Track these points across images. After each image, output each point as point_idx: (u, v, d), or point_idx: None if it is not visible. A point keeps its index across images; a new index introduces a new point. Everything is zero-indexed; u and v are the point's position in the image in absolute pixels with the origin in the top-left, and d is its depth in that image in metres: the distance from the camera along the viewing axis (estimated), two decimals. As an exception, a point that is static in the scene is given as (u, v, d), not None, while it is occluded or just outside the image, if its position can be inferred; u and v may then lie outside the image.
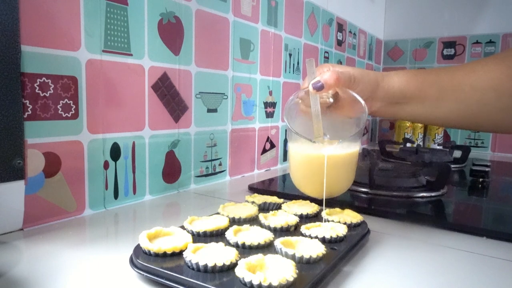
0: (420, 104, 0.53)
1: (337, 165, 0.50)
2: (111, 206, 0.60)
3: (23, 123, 0.48)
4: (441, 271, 0.42)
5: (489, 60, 0.52)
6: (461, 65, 0.54)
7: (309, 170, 0.52)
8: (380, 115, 0.57)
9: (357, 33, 1.48)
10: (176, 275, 0.34)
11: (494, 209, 0.68)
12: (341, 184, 0.53)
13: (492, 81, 0.49)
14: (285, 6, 0.99)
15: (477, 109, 0.51)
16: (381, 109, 0.54)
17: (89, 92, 0.55)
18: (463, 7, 1.55)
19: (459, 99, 0.51)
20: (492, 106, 0.50)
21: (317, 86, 0.47)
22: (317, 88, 0.47)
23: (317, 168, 0.48)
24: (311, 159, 0.51)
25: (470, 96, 0.50)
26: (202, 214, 0.50)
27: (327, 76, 0.47)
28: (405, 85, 0.53)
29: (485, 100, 0.50)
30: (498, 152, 1.48)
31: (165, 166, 0.69)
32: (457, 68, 0.54)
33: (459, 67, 0.54)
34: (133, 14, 0.61)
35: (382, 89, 0.53)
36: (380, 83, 0.52)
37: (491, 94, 0.49)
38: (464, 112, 0.52)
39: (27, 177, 0.49)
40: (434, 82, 0.52)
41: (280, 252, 0.39)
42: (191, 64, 0.73)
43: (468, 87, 0.50)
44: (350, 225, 0.49)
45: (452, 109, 0.52)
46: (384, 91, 0.53)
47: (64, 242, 0.46)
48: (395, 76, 0.53)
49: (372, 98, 0.53)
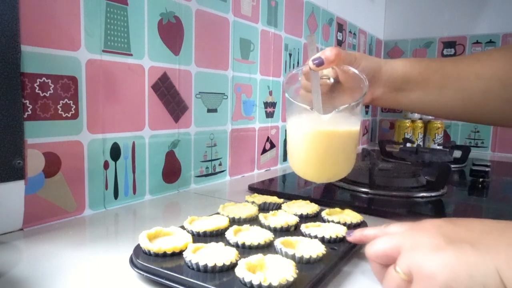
0: (423, 91, 0.52)
1: (337, 142, 0.47)
2: (111, 206, 0.60)
3: (23, 123, 0.48)
4: (441, 271, 0.42)
5: (494, 51, 0.52)
6: (465, 56, 0.55)
7: (308, 147, 0.48)
8: (382, 103, 0.55)
9: (357, 33, 1.48)
10: (176, 275, 0.34)
11: (494, 209, 0.68)
12: (341, 165, 0.49)
13: (497, 71, 0.49)
14: (285, 6, 0.99)
15: (481, 99, 0.50)
16: (384, 95, 0.53)
17: (89, 92, 0.55)
18: (463, 7, 1.55)
19: (463, 88, 0.50)
20: (496, 96, 0.49)
21: (318, 61, 0.46)
22: (317, 64, 0.46)
23: (317, 144, 0.46)
24: (310, 133, 0.47)
25: (474, 85, 0.49)
26: (202, 214, 0.50)
27: (327, 52, 0.46)
28: (409, 70, 0.52)
29: (489, 89, 0.49)
30: (498, 152, 1.48)
31: (165, 166, 0.69)
32: (461, 57, 0.53)
33: (463, 57, 0.53)
34: (133, 14, 0.61)
35: (385, 72, 0.52)
36: (382, 66, 0.52)
37: (495, 83, 0.49)
38: (468, 102, 0.51)
39: (27, 177, 0.49)
40: (438, 69, 0.52)
41: (280, 252, 0.39)
42: (191, 64, 0.73)
43: (473, 75, 0.50)
44: (350, 225, 0.49)
45: (456, 98, 0.51)
46: (387, 75, 0.52)
47: (64, 242, 0.46)
48: (399, 61, 0.53)
49: (374, 82, 0.51)
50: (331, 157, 0.47)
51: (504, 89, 0.48)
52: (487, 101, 0.50)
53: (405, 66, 0.52)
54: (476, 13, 1.52)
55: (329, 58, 0.46)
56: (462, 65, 0.51)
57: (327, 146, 0.46)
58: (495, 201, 0.75)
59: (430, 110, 0.56)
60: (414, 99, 0.53)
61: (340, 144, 0.48)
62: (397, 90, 0.53)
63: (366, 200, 0.70)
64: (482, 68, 0.50)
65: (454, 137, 1.58)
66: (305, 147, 0.48)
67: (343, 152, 0.48)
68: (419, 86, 0.52)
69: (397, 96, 0.53)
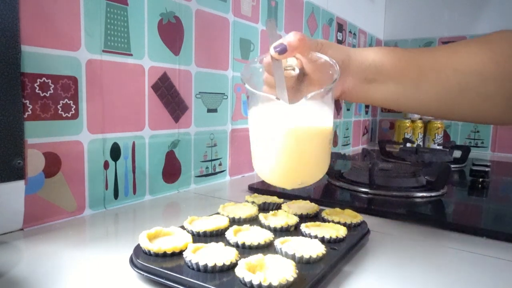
0: (397, 83, 0.47)
1: (308, 138, 0.41)
2: (111, 206, 0.60)
3: (23, 123, 0.48)
4: (441, 271, 0.42)
5: (472, 43, 0.48)
6: (442, 46, 0.50)
7: (274, 146, 0.41)
8: (353, 97, 0.50)
9: (357, 33, 1.48)
10: (176, 275, 0.34)
11: (494, 209, 0.68)
12: (315, 165, 0.43)
13: (475, 65, 0.45)
14: (285, 6, 0.99)
15: (458, 95, 0.47)
16: (354, 88, 0.48)
17: (89, 92, 0.55)
18: (463, 7, 1.55)
19: (439, 82, 0.47)
20: (474, 92, 0.46)
21: (280, 48, 0.41)
22: (279, 51, 0.41)
23: (284, 141, 0.39)
24: (276, 129, 0.40)
25: (452, 79, 0.46)
26: (202, 214, 0.50)
27: (290, 37, 0.41)
28: (381, 59, 0.47)
29: (467, 84, 0.46)
30: (498, 152, 1.48)
31: (165, 166, 0.69)
32: (437, 48, 0.50)
33: (440, 48, 0.50)
34: (133, 14, 0.61)
35: (355, 61, 0.47)
36: (352, 55, 0.47)
37: (474, 78, 0.45)
38: (444, 97, 0.47)
39: (27, 177, 0.49)
40: (413, 59, 0.48)
41: (280, 252, 0.39)
42: (191, 64, 0.73)
43: (450, 69, 0.46)
44: (350, 225, 0.49)
45: (432, 93, 0.47)
46: (357, 64, 0.47)
47: (64, 242, 0.46)
48: (370, 50, 0.48)
49: (343, 72, 0.46)
50: (303, 157, 0.41)
51: (483, 84, 0.45)
52: (464, 97, 0.46)
53: (376, 55, 0.47)
54: (476, 13, 1.52)
55: (292, 44, 0.41)
56: (439, 56, 0.48)
57: (297, 143, 0.40)
58: (495, 201, 0.75)
59: (404, 105, 0.51)
60: (386, 92, 0.48)
61: (312, 140, 0.41)
62: (369, 82, 0.48)
63: (366, 200, 0.70)
64: (459, 61, 0.46)
65: (454, 137, 1.58)
66: (271, 146, 0.41)
67: (316, 150, 0.42)
68: (392, 77, 0.47)
69: (369, 89, 0.48)
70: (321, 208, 0.56)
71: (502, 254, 0.46)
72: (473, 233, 0.53)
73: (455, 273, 0.41)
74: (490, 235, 0.52)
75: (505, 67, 0.44)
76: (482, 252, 0.47)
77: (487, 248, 0.48)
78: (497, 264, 0.44)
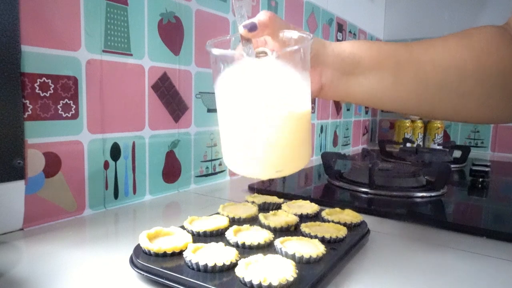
0: (376, 75, 0.46)
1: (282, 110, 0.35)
2: (111, 206, 0.60)
3: (23, 123, 0.48)
4: (441, 271, 0.42)
5: (449, 38, 0.47)
6: (420, 41, 0.48)
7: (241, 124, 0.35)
8: (334, 94, 0.48)
9: (357, 33, 1.48)
10: (176, 275, 0.34)
11: (494, 209, 0.68)
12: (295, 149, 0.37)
13: (454, 61, 0.44)
14: (285, 6, 0.99)
15: (437, 91, 0.46)
16: (334, 81, 0.47)
17: (89, 92, 0.55)
18: (463, 7, 1.55)
19: (418, 76, 0.46)
20: (453, 89, 0.45)
21: (250, 26, 0.40)
22: (249, 28, 0.40)
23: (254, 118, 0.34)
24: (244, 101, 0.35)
25: (430, 75, 0.45)
26: (202, 214, 0.50)
27: (261, 15, 0.40)
28: (358, 51, 0.46)
29: (446, 80, 0.45)
30: (498, 152, 1.48)
31: (165, 166, 0.69)
32: (414, 43, 0.48)
33: (416, 43, 0.48)
34: (133, 14, 0.61)
35: (332, 52, 0.45)
36: (327, 46, 0.46)
37: (453, 73, 0.44)
38: (425, 93, 0.46)
39: (27, 177, 0.49)
40: (390, 51, 0.47)
41: (280, 252, 0.39)
42: (191, 64, 0.73)
43: (429, 64, 0.45)
44: (350, 225, 0.49)
45: (412, 88, 0.46)
46: (333, 54, 0.46)
47: (64, 242, 0.46)
48: (346, 42, 0.47)
49: (320, 62, 0.45)
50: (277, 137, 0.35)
51: (463, 81, 0.44)
52: (443, 94, 0.46)
53: (353, 47, 0.46)
54: (476, 13, 1.52)
55: (262, 21, 0.40)
56: (416, 50, 0.47)
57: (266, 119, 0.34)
58: (495, 201, 0.75)
59: (385, 101, 0.49)
60: (366, 85, 0.47)
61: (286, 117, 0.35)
62: (347, 74, 0.46)
63: (366, 200, 0.70)
64: (437, 55, 0.45)
65: (454, 137, 1.58)
66: (238, 124, 0.35)
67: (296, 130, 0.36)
68: (371, 69, 0.46)
69: (348, 81, 0.47)
70: (321, 208, 0.56)
71: (502, 254, 0.46)
72: (473, 233, 0.53)
73: (455, 273, 0.41)
74: (490, 235, 0.52)
75: (485, 64, 0.43)
76: (482, 252, 0.47)
77: (487, 248, 0.48)
78: (497, 264, 0.44)
